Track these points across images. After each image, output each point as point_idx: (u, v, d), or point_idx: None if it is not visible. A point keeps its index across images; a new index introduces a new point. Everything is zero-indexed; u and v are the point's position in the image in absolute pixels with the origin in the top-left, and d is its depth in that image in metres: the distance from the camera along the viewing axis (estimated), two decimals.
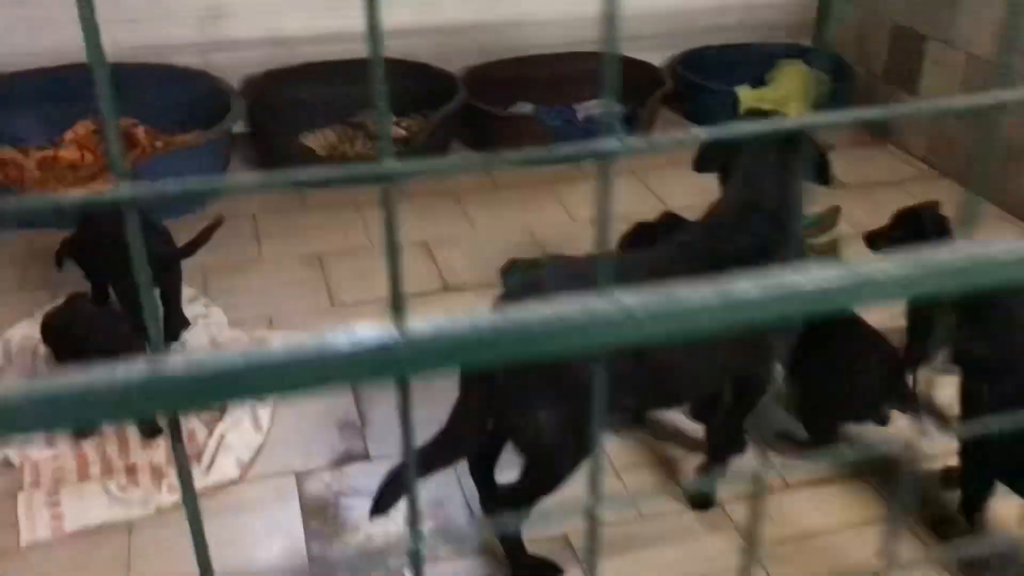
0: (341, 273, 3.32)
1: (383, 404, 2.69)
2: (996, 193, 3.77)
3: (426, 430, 2.56)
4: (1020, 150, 3.59)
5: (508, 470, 2.13)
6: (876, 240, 2.66)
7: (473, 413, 1.94)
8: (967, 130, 3.90)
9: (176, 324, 2.86)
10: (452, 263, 3.38)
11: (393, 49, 4.20)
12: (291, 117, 4.08)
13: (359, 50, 3.65)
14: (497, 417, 1.93)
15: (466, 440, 1.98)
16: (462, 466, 2.25)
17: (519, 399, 1.88)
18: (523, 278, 2.18)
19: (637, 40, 4.50)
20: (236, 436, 2.49)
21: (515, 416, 1.90)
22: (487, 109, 4.12)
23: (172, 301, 2.85)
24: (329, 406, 2.67)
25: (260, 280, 3.27)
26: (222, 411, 2.59)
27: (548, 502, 2.02)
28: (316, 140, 4.11)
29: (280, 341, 0.51)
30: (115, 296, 2.83)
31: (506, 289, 2.40)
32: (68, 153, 3.72)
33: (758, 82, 4.66)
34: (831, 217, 3.47)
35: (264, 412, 2.59)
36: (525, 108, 4.41)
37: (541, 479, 1.98)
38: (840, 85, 4.44)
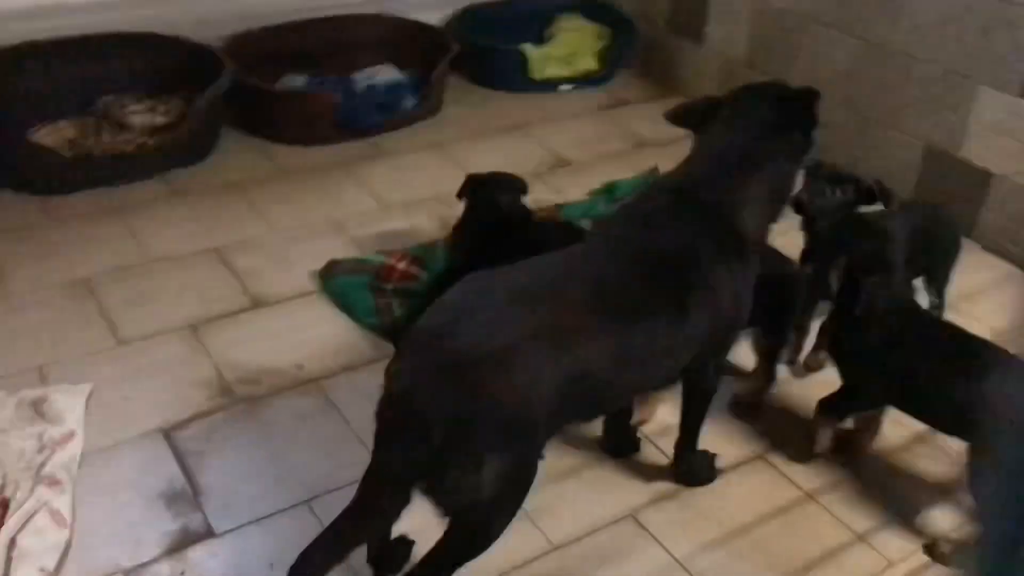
0: (117, 299, 2.72)
1: (216, 464, 2.20)
2: None
3: (266, 475, 2.13)
4: None
5: None
6: None
7: (396, 476, 1.56)
8: (757, 76, 3.89)
9: None
10: (256, 272, 2.88)
11: (138, 21, 3.56)
12: (15, 110, 3.34)
13: (90, 24, 2.91)
14: (433, 477, 1.56)
15: (388, 510, 1.60)
16: None
17: (464, 453, 1.53)
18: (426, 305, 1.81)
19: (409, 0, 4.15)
20: (33, 538, 1.92)
21: (457, 474, 1.55)
22: (261, 86, 3.59)
23: None
24: (147, 475, 2.14)
25: (14, 320, 2.61)
26: (3, 506, 2.00)
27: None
28: (51, 135, 3.39)
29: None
30: None
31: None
32: None
33: (537, 39, 4.44)
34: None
35: (63, 499, 2.03)
36: (297, 81, 3.90)
37: (477, 541, 1.66)
38: (622, 38, 4.32)
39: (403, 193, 3.32)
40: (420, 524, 1.69)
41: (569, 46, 4.35)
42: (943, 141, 3.24)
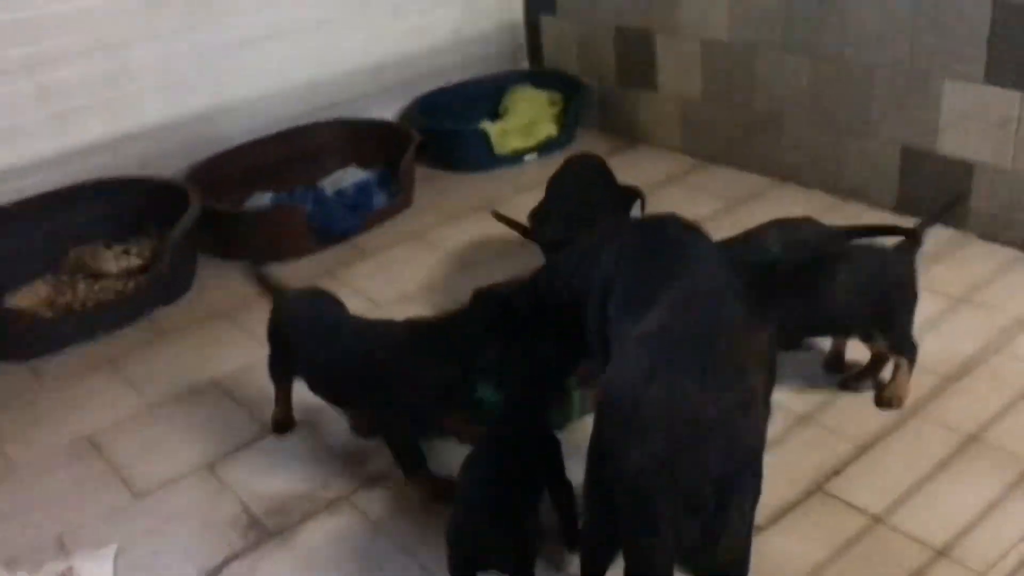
0: (126, 453, 2.61)
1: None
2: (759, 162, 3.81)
3: None
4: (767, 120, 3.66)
5: None
6: None
7: (669, 555, 1.54)
8: (717, 111, 3.92)
9: None
10: (261, 397, 2.76)
11: (92, 168, 3.53)
12: None
13: (48, 182, 2.84)
14: (708, 542, 1.58)
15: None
16: None
17: (736, 507, 1.57)
18: None
19: (359, 101, 4.17)
20: None
21: (732, 531, 1.58)
22: (229, 210, 3.55)
23: None
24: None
25: (23, 492, 2.49)
26: None
27: None
28: (27, 298, 3.31)
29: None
30: None
31: None
32: None
33: (493, 115, 4.47)
34: None
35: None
36: (264, 199, 3.87)
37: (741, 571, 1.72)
38: (574, 99, 4.34)
39: (395, 288, 3.27)
40: None
41: (525, 116, 4.36)
42: (918, 139, 3.25)
